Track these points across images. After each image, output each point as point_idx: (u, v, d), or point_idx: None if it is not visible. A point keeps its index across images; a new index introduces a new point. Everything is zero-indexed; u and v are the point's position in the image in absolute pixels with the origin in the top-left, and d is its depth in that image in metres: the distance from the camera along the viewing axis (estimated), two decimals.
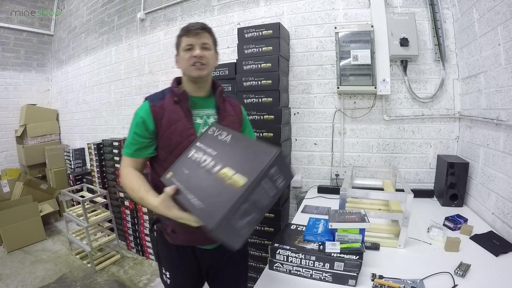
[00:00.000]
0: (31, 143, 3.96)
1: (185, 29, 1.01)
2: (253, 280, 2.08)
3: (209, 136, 0.91)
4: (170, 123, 1.00)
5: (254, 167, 0.72)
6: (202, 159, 0.84)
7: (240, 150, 0.82)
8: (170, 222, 1.03)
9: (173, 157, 0.97)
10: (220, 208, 0.67)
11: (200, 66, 1.00)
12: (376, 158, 2.00)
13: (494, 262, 1.03)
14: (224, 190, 0.71)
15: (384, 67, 1.82)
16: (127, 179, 0.98)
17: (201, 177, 0.80)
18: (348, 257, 0.93)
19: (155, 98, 1.04)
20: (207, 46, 1.02)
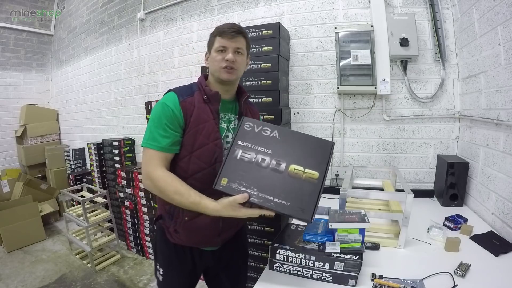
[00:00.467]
0: (31, 143, 3.96)
1: (220, 30, 0.99)
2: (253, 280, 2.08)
3: (248, 132, 0.90)
4: (198, 121, 0.96)
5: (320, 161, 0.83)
6: (259, 159, 0.85)
7: (297, 146, 0.86)
8: (173, 222, 1.02)
9: (193, 157, 0.96)
10: (309, 201, 0.79)
11: (230, 70, 0.98)
12: (376, 158, 2.00)
13: (494, 262, 1.03)
14: (303, 185, 0.81)
15: (384, 67, 1.82)
16: (167, 182, 0.90)
17: (271, 177, 0.82)
18: (348, 257, 0.93)
19: (184, 92, 0.99)
20: (240, 51, 1.00)
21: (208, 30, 2.49)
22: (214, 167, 0.96)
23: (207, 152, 0.96)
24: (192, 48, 2.60)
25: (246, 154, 0.86)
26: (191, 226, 1.01)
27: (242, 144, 0.88)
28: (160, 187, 0.91)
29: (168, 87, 2.97)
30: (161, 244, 1.11)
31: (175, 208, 0.99)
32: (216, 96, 1.00)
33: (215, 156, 0.97)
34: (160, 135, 0.93)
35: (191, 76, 2.62)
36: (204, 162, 0.96)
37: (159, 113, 0.94)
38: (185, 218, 1.00)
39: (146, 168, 0.94)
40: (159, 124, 0.93)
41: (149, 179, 0.93)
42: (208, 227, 1.02)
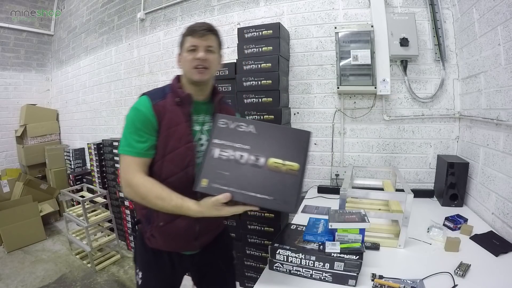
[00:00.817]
0: (31, 143, 3.96)
1: (190, 29, 0.97)
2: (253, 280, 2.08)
3: (223, 129, 0.88)
4: (170, 125, 0.94)
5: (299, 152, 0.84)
6: (237, 156, 0.84)
7: (274, 139, 0.85)
8: (150, 227, 1.01)
9: (165, 162, 0.94)
10: (291, 193, 0.80)
11: (202, 70, 0.96)
12: (376, 158, 2.00)
13: (494, 262, 1.03)
14: (284, 177, 0.81)
15: (384, 67, 1.82)
16: (148, 188, 0.88)
17: (251, 173, 0.82)
18: (348, 257, 0.93)
19: (156, 96, 0.97)
20: (211, 49, 0.98)
21: None
22: (187, 171, 0.95)
23: (179, 156, 0.94)
24: None
25: (224, 152, 0.85)
26: (166, 230, 0.99)
27: (219, 142, 0.87)
28: (141, 194, 0.89)
29: None
30: (140, 248, 1.10)
31: (152, 212, 0.98)
32: (188, 98, 0.97)
33: (187, 160, 0.95)
34: (136, 141, 0.91)
35: None
36: (177, 166, 0.94)
37: (132, 118, 0.93)
38: (160, 223, 0.99)
39: (125, 175, 0.91)
40: (134, 129, 0.92)
41: (129, 186, 0.91)
42: (184, 232, 1.00)
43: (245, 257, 2.05)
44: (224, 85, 2.04)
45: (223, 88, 2.06)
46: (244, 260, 2.06)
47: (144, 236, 1.06)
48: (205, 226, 1.04)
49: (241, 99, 1.92)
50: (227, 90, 2.04)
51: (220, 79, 2.05)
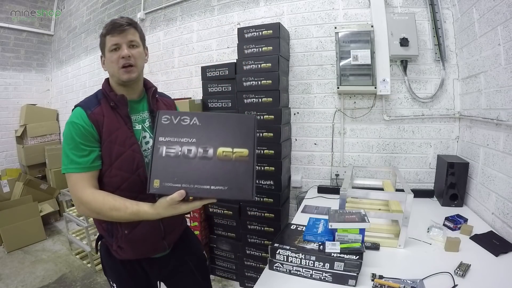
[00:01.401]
0: (31, 143, 3.96)
1: (108, 27, 0.90)
2: (253, 280, 2.08)
3: (167, 126, 0.84)
4: (110, 131, 0.90)
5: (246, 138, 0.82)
6: (185, 151, 0.81)
7: (220, 127, 0.83)
8: (114, 239, 0.97)
9: (113, 169, 0.90)
10: (246, 180, 0.78)
11: (129, 69, 0.91)
12: (376, 158, 2.00)
13: (494, 262, 1.03)
14: (235, 165, 0.79)
15: (384, 67, 1.81)
16: (99, 201, 0.84)
17: (202, 166, 0.80)
18: (348, 257, 0.93)
19: (90, 104, 0.91)
20: (134, 44, 0.93)
21: (208, 30, 2.49)
22: (138, 174, 0.92)
23: (127, 160, 0.91)
24: (192, 48, 2.60)
25: (170, 149, 0.81)
26: (133, 237, 0.96)
27: (164, 139, 0.83)
28: (95, 209, 0.84)
29: (168, 87, 2.96)
30: (109, 261, 1.05)
31: (112, 224, 0.95)
32: (122, 100, 0.93)
33: (136, 162, 0.92)
34: (78, 156, 0.86)
35: (191, 76, 2.62)
36: (126, 171, 0.91)
37: (70, 133, 0.87)
38: (125, 231, 0.95)
39: (75, 194, 0.87)
40: (74, 145, 0.87)
41: (81, 204, 0.86)
42: (151, 233, 0.98)
43: (245, 257, 2.05)
44: (224, 85, 2.05)
45: (223, 88, 2.06)
46: (244, 260, 2.06)
47: (110, 250, 1.01)
48: (169, 223, 1.02)
49: (241, 99, 1.92)
50: (227, 90, 2.04)
51: (220, 79, 2.06)
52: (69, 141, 0.87)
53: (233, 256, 2.14)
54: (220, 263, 2.22)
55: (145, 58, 1.01)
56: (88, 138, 0.88)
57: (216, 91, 2.09)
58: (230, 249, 2.14)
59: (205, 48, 2.52)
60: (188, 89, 2.65)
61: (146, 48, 1.02)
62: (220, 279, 2.24)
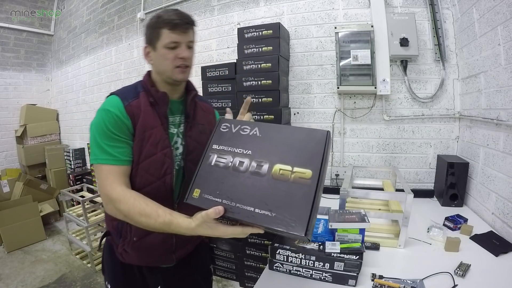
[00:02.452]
0: (31, 143, 3.96)
1: (169, 22, 0.81)
2: (253, 280, 2.08)
3: (224, 134, 0.77)
4: (145, 128, 0.83)
5: (312, 156, 0.67)
6: (236, 162, 0.70)
7: (283, 141, 0.71)
8: (121, 241, 0.91)
9: (140, 169, 0.83)
10: (301, 208, 0.61)
11: (184, 69, 0.86)
12: (376, 158, 2.00)
13: (494, 262, 1.03)
14: (292, 188, 0.64)
15: (384, 67, 1.82)
16: (129, 203, 0.74)
17: (252, 183, 0.67)
18: (348, 257, 0.93)
19: (128, 95, 0.85)
20: (192, 45, 0.87)
21: (208, 30, 2.49)
22: (165, 180, 0.86)
23: (155, 163, 0.84)
24: None
25: (221, 159, 0.72)
26: (140, 245, 0.90)
27: (218, 147, 0.74)
28: (123, 210, 0.75)
29: None
30: (109, 260, 1.00)
31: (124, 225, 0.89)
32: (164, 98, 0.87)
33: (165, 167, 0.85)
34: (110, 146, 0.79)
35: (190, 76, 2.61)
36: (152, 175, 0.84)
37: (103, 121, 0.79)
38: (134, 238, 0.89)
39: (104, 189, 0.78)
40: (107, 134, 0.79)
41: (110, 202, 0.77)
42: (160, 245, 0.91)
43: (245, 257, 2.05)
44: (224, 85, 2.04)
45: (223, 88, 2.06)
46: (244, 260, 2.06)
47: (115, 250, 0.95)
48: (184, 238, 0.91)
49: (241, 99, 1.92)
50: (227, 90, 2.04)
51: (220, 79, 2.05)
52: (101, 130, 0.79)
53: (233, 256, 2.14)
54: (220, 263, 2.22)
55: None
56: (122, 129, 0.81)
57: (216, 91, 2.08)
58: (230, 249, 2.13)
59: (205, 48, 2.52)
60: None
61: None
62: (220, 279, 2.24)
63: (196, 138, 0.93)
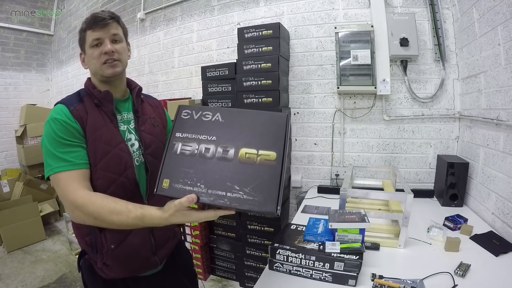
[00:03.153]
0: (31, 143, 3.95)
1: (89, 21, 0.83)
2: (253, 280, 2.08)
3: (186, 121, 0.77)
4: (94, 128, 0.82)
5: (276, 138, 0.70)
6: (202, 149, 0.72)
7: (246, 126, 0.73)
8: (98, 255, 0.87)
9: (98, 170, 0.81)
10: (270, 188, 0.65)
11: (113, 63, 0.85)
12: (376, 158, 2.00)
13: (494, 262, 1.03)
14: (259, 170, 0.67)
15: (384, 67, 1.82)
16: (97, 204, 0.72)
17: (220, 168, 0.69)
18: (348, 257, 0.93)
19: (73, 101, 0.84)
20: (117, 38, 0.87)
21: (208, 30, 2.49)
22: (126, 175, 0.85)
23: (113, 160, 0.83)
24: (192, 48, 2.60)
25: (186, 147, 0.73)
26: (120, 253, 0.86)
27: (181, 135, 0.74)
28: (92, 213, 0.72)
29: (168, 87, 2.96)
30: (91, 280, 0.94)
31: (97, 237, 0.85)
32: (108, 96, 0.87)
33: (123, 162, 0.85)
34: (64, 153, 0.77)
35: (191, 76, 2.62)
36: (113, 172, 0.83)
37: (53, 131, 0.77)
38: (111, 246, 0.85)
39: (67, 198, 0.75)
40: (56, 142, 0.77)
41: (76, 209, 0.74)
42: (140, 248, 0.89)
43: (245, 257, 2.05)
44: (224, 85, 2.05)
45: (223, 88, 2.06)
46: (244, 260, 2.06)
47: (95, 268, 0.90)
48: (160, 235, 0.95)
49: (241, 99, 1.92)
50: (227, 90, 2.04)
51: (220, 79, 2.06)
52: (52, 140, 0.77)
53: (233, 256, 2.14)
54: (220, 263, 2.22)
55: (128, 54, 0.95)
56: (73, 134, 0.79)
57: (216, 91, 2.08)
58: (230, 249, 2.14)
59: (205, 48, 2.52)
60: (188, 89, 2.65)
61: (128, 44, 0.96)
62: (220, 279, 2.24)
63: (150, 131, 0.94)
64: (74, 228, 0.90)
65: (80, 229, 0.87)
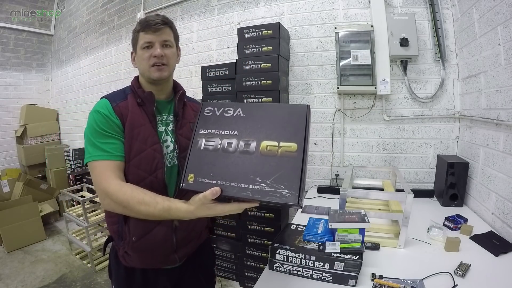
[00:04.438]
0: (31, 143, 3.96)
1: (143, 24, 0.88)
2: (253, 280, 2.08)
3: (209, 118, 0.80)
4: (133, 126, 0.87)
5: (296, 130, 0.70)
6: (225, 144, 0.74)
7: (267, 119, 0.74)
8: (122, 243, 0.92)
9: (131, 166, 0.85)
10: (292, 179, 0.65)
11: (160, 67, 0.89)
12: (376, 158, 2.00)
13: (494, 262, 1.03)
14: (281, 161, 0.68)
15: (384, 67, 1.82)
16: (128, 194, 0.77)
17: (242, 161, 0.71)
18: (348, 257, 0.93)
19: (116, 98, 0.90)
20: (168, 44, 0.91)
21: (208, 30, 2.49)
22: (156, 175, 0.88)
23: (146, 159, 0.87)
24: (192, 48, 2.60)
25: (210, 142, 0.76)
26: (140, 246, 0.90)
27: (205, 131, 0.78)
28: (121, 201, 0.77)
29: None
30: (114, 265, 1.01)
31: (123, 227, 0.90)
32: (150, 97, 0.91)
33: (155, 162, 0.88)
34: (103, 143, 0.82)
35: (191, 76, 2.62)
36: (144, 171, 0.87)
37: (94, 122, 0.85)
38: (133, 238, 0.89)
39: (100, 185, 0.80)
40: (97, 133, 0.83)
41: (107, 197, 0.79)
42: (160, 245, 0.91)
43: (245, 257, 2.05)
44: (224, 85, 2.05)
45: (223, 88, 2.06)
46: (244, 260, 2.06)
47: (118, 254, 0.96)
48: (184, 236, 0.96)
49: (241, 99, 1.92)
50: (227, 90, 2.04)
51: (220, 79, 2.06)
52: (93, 130, 0.85)
53: (233, 256, 2.14)
54: (220, 263, 2.22)
55: (177, 58, 0.99)
56: (113, 127, 0.85)
57: (216, 91, 2.09)
58: (230, 249, 2.14)
59: (205, 48, 2.52)
60: (188, 89, 2.62)
61: (179, 49, 1.00)
62: (220, 279, 2.24)
63: (187, 135, 0.95)
64: (106, 215, 0.96)
65: (111, 217, 0.93)
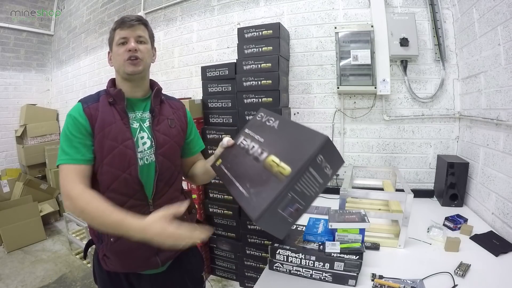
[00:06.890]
0: (31, 143, 3.96)
1: (118, 22, 0.91)
2: (253, 280, 2.08)
3: (257, 122, 0.89)
4: (103, 125, 0.86)
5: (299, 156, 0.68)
6: (250, 146, 0.82)
7: (287, 137, 0.77)
8: (102, 246, 0.91)
9: (104, 166, 0.86)
10: (264, 198, 0.66)
11: (135, 61, 0.89)
12: (376, 158, 2.00)
13: (494, 262, 1.03)
14: (270, 178, 0.69)
15: (384, 67, 1.82)
16: (85, 199, 0.77)
17: (248, 164, 0.78)
18: (348, 257, 0.93)
19: (89, 99, 0.91)
20: (142, 40, 0.92)
21: (208, 30, 2.49)
22: (130, 172, 0.87)
23: (118, 156, 0.86)
24: (192, 48, 2.60)
25: (244, 141, 0.86)
26: (118, 248, 0.88)
27: (247, 131, 0.88)
28: (79, 207, 0.78)
29: (168, 87, 2.96)
30: (98, 269, 0.99)
31: None
32: (119, 94, 0.90)
33: (127, 159, 0.87)
34: (69, 147, 0.84)
35: (191, 76, 2.62)
36: (117, 168, 0.86)
37: (66, 126, 0.87)
38: (111, 239, 0.88)
39: (64, 188, 0.81)
40: (67, 136, 0.85)
41: (68, 199, 0.79)
42: (140, 246, 0.83)
43: (245, 257, 2.05)
44: (224, 85, 2.05)
45: (223, 88, 2.06)
46: (244, 260, 2.06)
47: (99, 257, 0.94)
48: None
49: (241, 99, 1.92)
50: (227, 90, 2.04)
51: (220, 79, 2.05)
52: (63, 133, 0.87)
53: (233, 256, 2.14)
54: (220, 263, 2.22)
55: (153, 58, 1.00)
56: (81, 131, 0.85)
57: (216, 91, 2.08)
58: (230, 249, 2.14)
59: (205, 48, 2.52)
60: (188, 89, 2.65)
61: (154, 49, 1.01)
62: (220, 279, 2.24)
63: (165, 131, 0.95)
64: None
65: None
